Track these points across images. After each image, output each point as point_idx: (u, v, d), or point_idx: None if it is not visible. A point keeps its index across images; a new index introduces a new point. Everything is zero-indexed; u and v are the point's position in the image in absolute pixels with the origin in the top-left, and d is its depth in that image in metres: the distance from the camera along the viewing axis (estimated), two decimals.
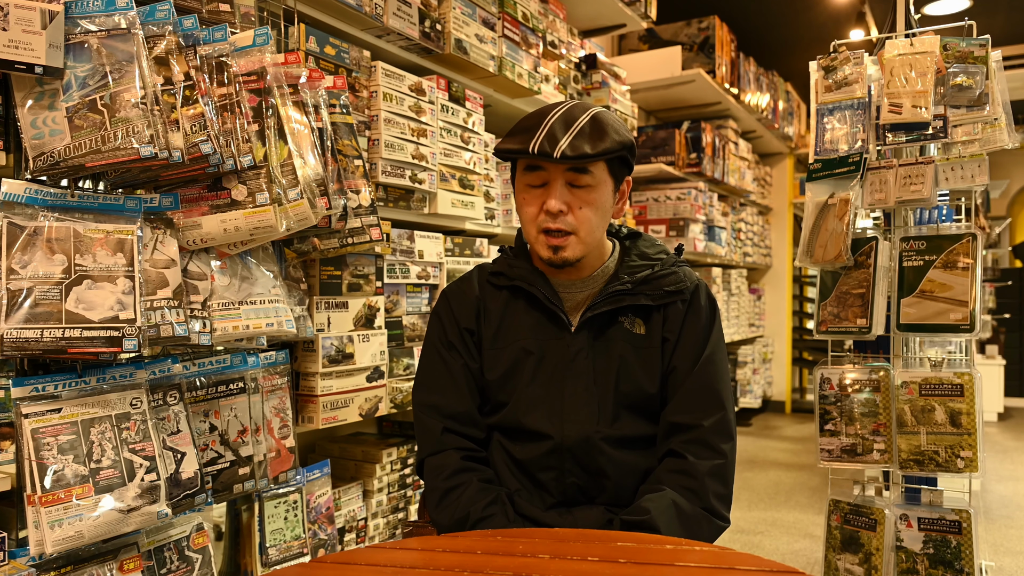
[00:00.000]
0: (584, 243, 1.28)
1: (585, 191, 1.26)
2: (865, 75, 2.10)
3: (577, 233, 1.26)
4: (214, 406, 1.49)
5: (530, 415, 1.30)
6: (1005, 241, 8.78)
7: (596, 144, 1.22)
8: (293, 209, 1.44)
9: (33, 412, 1.20)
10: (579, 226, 1.26)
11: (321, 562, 1.13)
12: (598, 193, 1.27)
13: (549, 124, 1.23)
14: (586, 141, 1.22)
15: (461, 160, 2.21)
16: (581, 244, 1.28)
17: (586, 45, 3.14)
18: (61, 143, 1.22)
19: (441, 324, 1.39)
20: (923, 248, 2.03)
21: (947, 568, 1.94)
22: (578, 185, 1.26)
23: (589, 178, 1.26)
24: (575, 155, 1.20)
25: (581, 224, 1.26)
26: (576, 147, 1.21)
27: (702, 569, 0.94)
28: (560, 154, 1.20)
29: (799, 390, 6.71)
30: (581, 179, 1.25)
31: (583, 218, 1.26)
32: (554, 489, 1.29)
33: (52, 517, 1.16)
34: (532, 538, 1.08)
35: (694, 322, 1.32)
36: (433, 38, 2.09)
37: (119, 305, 1.23)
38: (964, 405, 1.94)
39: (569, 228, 1.26)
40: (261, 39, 1.46)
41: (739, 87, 4.79)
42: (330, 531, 1.75)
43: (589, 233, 1.28)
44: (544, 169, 1.26)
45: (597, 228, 1.29)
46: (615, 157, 1.27)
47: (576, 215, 1.26)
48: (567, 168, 1.24)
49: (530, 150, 1.21)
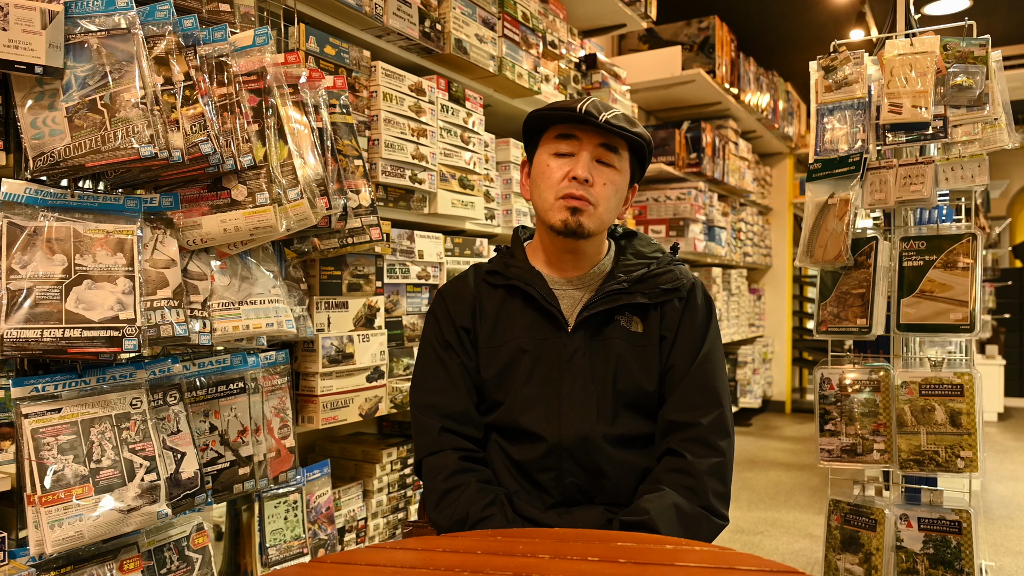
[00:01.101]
0: (600, 219, 1.30)
1: (610, 171, 1.30)
2: (865, 75, 2.10)
3: (596, 207, 1.29)
4: (214, 406, 1.49)
5: (527, 415, 1.30)
6: (1005, 241, 8.78)
7: (632, 126, 1.29)
8: (293, 209, 1.44)
9: (33, 412, 1.20)
10: (599, 200, 1.29)
11: (321, 562, 1.13)
12: (620, 176, 1.32)
13: (591, 99, 1.29)
14: (623, 121, 1.28)
15: (461, 160, 2.21)
16: (597, 219, 1.30)
17: (586, 45, 3.14)
18: (61, 143, 1.22)
19: (437, 323, 1.39)
20: (923, 248, 2.03)
21: (947, 568, 1.94)
22: (605, 163, 1.30)
23: (616, 159, 1.30)
24: (617, 125, 1.26)
25: (601, 199, 1.29)
26: (616, 121, 1.27)
27: (702, 569, 0.94)
28: (605, 120, 1.25)
29: (799, 390, 6.71)
30: (610, 157, 1.30)
31: (604, 195, 1.29)
32: (553, 490, 1.29)
33: (52, 517, 1.16)
34: (532, 538, 1.08)
35: (691, 320, 1.33)
36: (433, 38, 2.09)
37: (119, 305, 1.23)
38: (964, 405, 1.94)
39: (591, 199, 1.28)
40: (261, 39, 1.46)
41: (739, 87, 4.79)
42: (330, 531, 1.75)
43: (606, 211, 1.30)
44: (577, 139, 1.29)
45: (612, 211, 1.32)
46: (637, 151, 1.33)
47: (599, 190, 1.29)
48: (599, 143, 1.29)
49: (578, 109, 1.26)
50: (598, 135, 1.28)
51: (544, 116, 1.32)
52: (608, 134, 1.28)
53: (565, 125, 1.30)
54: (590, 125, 1.27)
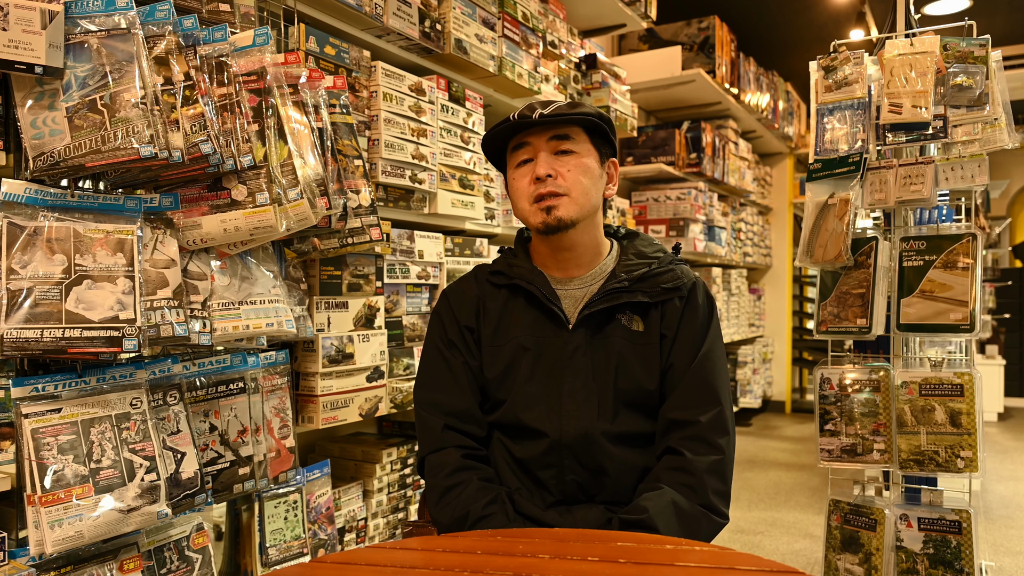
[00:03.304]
0: (578, 204, 1.31)
1: (571, 157, 1.32)
2: (865, 75, 2.10)
3: (569, 194, 1.31)
4: (214, 406, 1.49)
5: (528, 412, 1.31)
6: (1005, 241, 8.78)
7: (573, 108, 1.31)
8: (293, 209, 1.44)
9: (33, 412, 1.20)
10: (571, 187, 1.31)
11: (321, 562, 1.13)
12: (584, 159, 1.33)
13: (528, 104, 1.34)
14: (564, 108, 1.31)
15: (461, 160, 2.21)
16: (575, 204, 1.31)
17: (586, 45, 3.14)
18: (61, 143, 1.22)
19: (441, 323, 1.41)
20: (923, 248, 2.03)
21: (947, 568, 1.94)
22: (563, 151, 1.32)
23: (572, 144, 1.32)
24: (552, 114, 1.29)
25: (572, 185, 1.31)
26: (554, 111, 1.30)
27: (702, 569, 0.94)
28: (538, 115, 1.29)
29: (799, 390, 6.71)
30: (564, 144, 1.32)
31: (573, 180, 1.31)
32: (554, 487, 1.30)
33: (52, 517, 1.16)
34: (532, 538, 1.08)
35: (691, 319, 1.33)
36: (433, 38, 2.09)
37: (119, 305, 1.23)
38: (964, 405, 1.94)
39: (561, 190, 1.30)
40: (261, 39, 1.46)
41: (739, 87, 4.79)
42: (330, 531, 1.75)
43: (582, 194, 1.31)
44: (530, 144, 1.33)
45: (590, 192, 1.33)
46: (594, 129, 1.34)
47: (566, 177, 1.31)
48: (550, 137, 1.31)
49: (510, 118, 1.31)
50: (545, 131, 1.31)
51: (492, 138, 1.37)
52: (554, 126, 1.31)
53: (515, 137, 1.34)
54: (534, 126, 1.31)
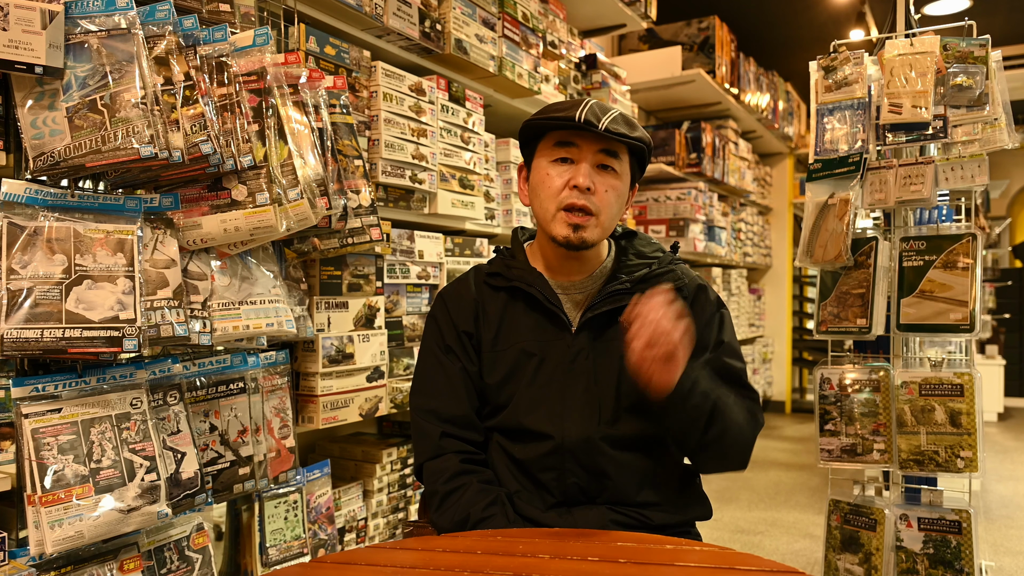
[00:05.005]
0: (602, 228, 1.29)
1: (611, 176, 1.28)
2: (865, 75, 2.10)
3: (598, 216, 1.27)
4: (214, 406, 1.49)
5: (530, 415, 1.30)
6: (1005, 241, 8.78)
7: (632, 130, 1.27)
8: (293, 209, 1.44)
9: (33, 412, 1.20)
10: (602, 209, 1.27)
11: (321, 562, 1.13)
12: (621, 182, 1.30)
13: (588, 104, 1.26)
14: (622, 125, 1.26)
15: (461, 160, 2.21)
16: (599, 228, 1.29)
17: (586, 45, 3.14)
18: (61, 143, 1.22)
19: (438, 327, 1.38)
20: (923, 248, 2.03)
21: (947, 568, 1.94)
22: (606, 167, 1.28)
23: (617, 163, 1.29)
24: (616, 132, 1.24)
25: (604, 207, 1.28)
26: (615, 127, 1.25)
27: (702, 569, 0.94)
28: (604, 127, 1.23)
29: (799, 390, 6.71)
30: (611, 162, 1.28)
31: (606, 202, 1.28)
32: (555, 489, 1.29)
33: (52, 517, 1.16)
34: (532, 538, 1.08)
35: (698, 319, 1.32)
36: (433, 38, 2.09)
37: (119, 305, 1.23)
38: (964, 405, 1.94)
39: (593, 208, 1.26)
40: (261, 39, 1.46)
41: (739, 87, 4.79)
42: (330, 531, 1.75)
43: (609, 219, 1.29)
44: (576, 146, 1.27)
45: (614, 217, 1.31)
46: (637, 153, 1.31)
47: (601, 197, 1.27)
48: (599, 149, 1.27)
49: (576, 118, 1.24)
50: (598, 141, 1.26)
51: (542, 124, 1.30)
52: (608, 140, 1.26)
53: (564, 132, 1.28)
54: (591, 131, 1.25)
